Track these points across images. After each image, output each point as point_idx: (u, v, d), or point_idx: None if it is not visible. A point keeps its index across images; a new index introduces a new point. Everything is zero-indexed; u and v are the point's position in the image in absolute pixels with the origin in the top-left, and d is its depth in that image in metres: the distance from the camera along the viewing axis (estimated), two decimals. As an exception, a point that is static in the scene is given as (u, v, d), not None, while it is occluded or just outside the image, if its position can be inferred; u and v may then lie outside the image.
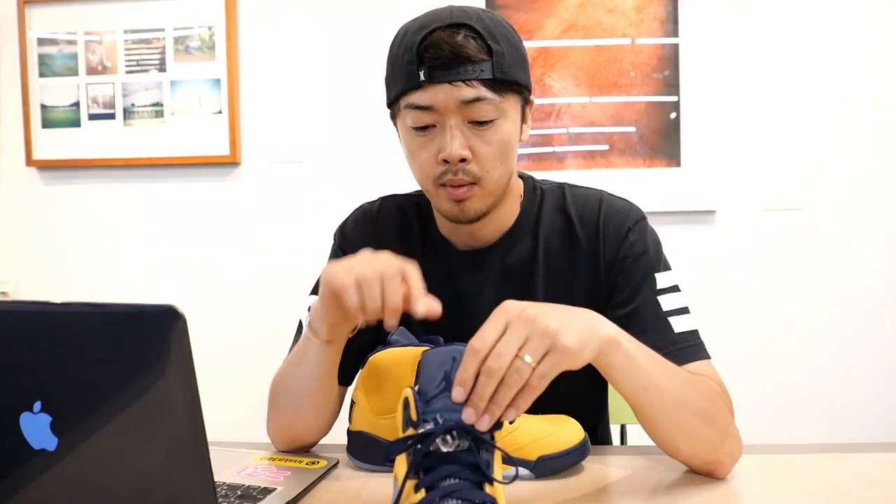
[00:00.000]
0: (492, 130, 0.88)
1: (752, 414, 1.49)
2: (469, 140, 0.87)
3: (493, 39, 0.86)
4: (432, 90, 0.85)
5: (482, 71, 0.84)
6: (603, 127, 2.04)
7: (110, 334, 0.53)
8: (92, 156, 2.14)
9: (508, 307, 0.68)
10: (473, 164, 0.88)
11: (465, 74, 0.84)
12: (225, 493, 0.77)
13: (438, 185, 0.90)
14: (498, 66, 0.85)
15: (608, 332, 0.73)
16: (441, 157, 0.87)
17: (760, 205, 2.02)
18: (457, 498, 0.59)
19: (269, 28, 2.11)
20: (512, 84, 0.88)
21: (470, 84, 0.84)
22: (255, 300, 2.12)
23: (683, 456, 0.82)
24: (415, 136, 0.90)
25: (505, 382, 0.64)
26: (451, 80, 0.84)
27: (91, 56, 2.14)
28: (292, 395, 0.89)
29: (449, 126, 0.86)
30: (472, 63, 0.84)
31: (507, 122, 0.89)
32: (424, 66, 0.85)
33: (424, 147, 0.89)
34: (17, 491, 0.57)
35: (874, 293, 2.00)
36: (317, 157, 2.11)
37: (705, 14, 2.00)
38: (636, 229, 0.96)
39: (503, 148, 0.89)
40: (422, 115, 0.87)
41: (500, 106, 0.87)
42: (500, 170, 0.90)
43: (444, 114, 0.86)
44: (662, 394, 0.77)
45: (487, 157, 0.88)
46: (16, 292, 2.18)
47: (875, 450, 0.90)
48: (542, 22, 2.04)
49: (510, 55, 0.87)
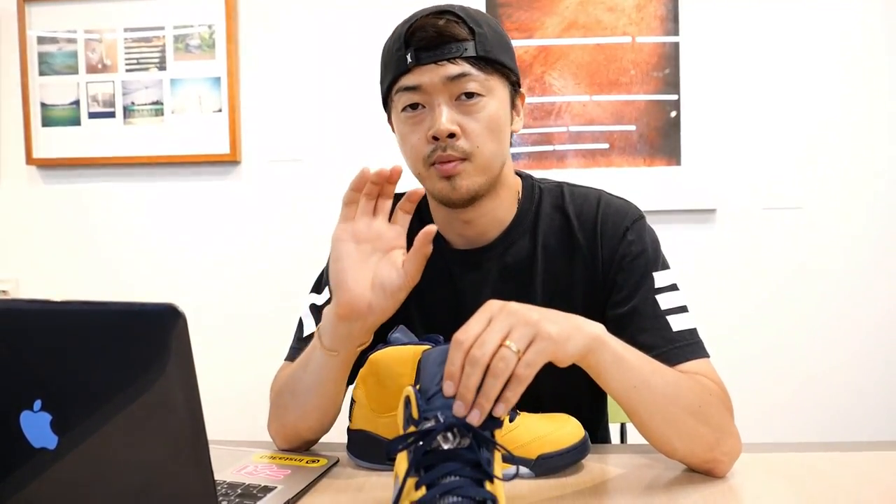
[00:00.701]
0: (479, 106, 0.90)
1: (752, 412, 1.49)
2: (457, 117, 0.89)
3: (475, 23, 0.90)
4: (419, 71, 0.88)
5: (465, 49, 0.88)
6: (603, 125, 2.04)
7: (110, 333, 0.53)
8: (92, 154, 2.14)
9: (491, 304, 0.70)
10: (463, 140, 0.89)
11: (450, 53, 0.88)
12: (225, 492, 0.77)
13: (429, 164, 0.91)
14: (481, 45, 0.89)
15: (594, 331, 0.74)
16: (430, 134, 0.89)
17: (761, 203, 2.02)
18: (457, 495, 0.59)
19: (270, 26, 2.11)
20: (496, 64, 0.91)
21: (454, 62, 0.88)
22: (255, 299, 2.12)
23: (679, 455, 0.82)
24: (405, 119, 0.92)
25: (491, 373, 0.65)
26: (437, 60, 0.88)
27: (91, 54, 2.14)
28: (297, 397, 0.89)
29: (437, 104, 0.89)
30: (455, 42, 0.88)
31: (493, 100, 0.91)
32: (411, 49, 0.88)
33: (414, 129, 0.91)
34: (18, 489, 0.57)
35: (874, 291, 2.00)
36: (317, 156, 2.11)
37: (706, 12, 2.00)
38: (634, 228, 0.96)
39: (492, 125, 0.90)
40: (411, 95, 0.90)
41: (485, 83, 0.90)
42: (491, 147, 0.91)
43: (431, 93, 0.89)
44: (652, 391, 0.77)
45: (476, 132, 0.89)
46: (16, 291, 2.18)
47: (875, 448, 0.90)
48: (542, 20, 2.04)
49: (493, 38, 0.91)
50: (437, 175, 0.91)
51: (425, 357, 0.70)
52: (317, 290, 1.03)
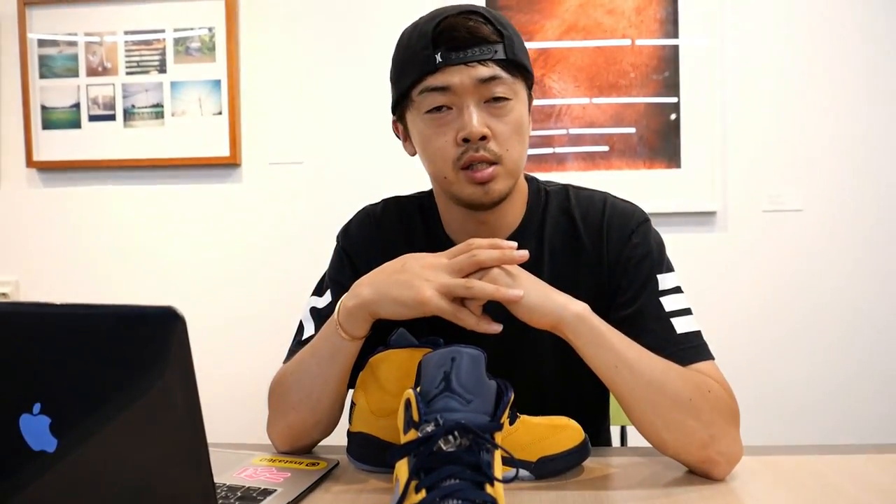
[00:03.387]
0: (507, 109, 0.89)
1: (753, 414, 1.49)
2: (486, 119, 0.88)
3: (502, 25, 0.90)
4: (449, 71, 0.87)
5: (496, 52, 0.88)
6: (603, 128, 2.05)
7: (110, 335, 0.53)
8: (92, 157, 2.14)
9: None
10: (493, 143, 0.89)
11: (481, 55, 0.87)
12: (225, 495, 0.77)
13: (459, 168, 0.90)
14: (510, 48, 0.89)
15: (571, 305, 0.80)
16: (461, 136, 0.88)
17: (761, 206, 2.02)
18: (458, 498, 0.59)
19: (270, 29, 2.11)
20: (521, 68, 0.91)
21: (485, 64, 0.87)
22: (255, 301, 2.12)
23: (671, 449, 0.82)
24: (429, 121, 0.90)
25: None
26: (467, 62, 0.87)
27: (91, 57, 2.14)
28: (310, 391, 0.88)
29: (467, 106, 0.88)
30: (487, 44, 0.87)
31: (519, 103, 0.91)
32: (441, 48, 0.87)
33: (440, 132, 0.90)
34: (17, 492, 0.57)
35: (874, 293, 2.00)
36: (317, 158, 2.11)
37: (705, 15, 2.00)
38: (639, 231, 0.97)
39: (518, 129, 0.91)
40: (438, 96, 0.88)
41: (512, 87, 0.90)
42: (518, 149, 0.91)
43: (461, 94, 0.88)
44: (636, 375, 0.79)
45: (505, 135, 0.89)
46: (16, 293, 2.18)
47: (874, 450, 0.90)
48: (542, 23, 2.04)
49: (517, 41, 0.91)
50: (467, 180, 0.90)
51: (426, 360, 0.70)
52: (318, 293, 1.02)
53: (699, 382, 0.83)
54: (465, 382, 0.66)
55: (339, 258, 1.03)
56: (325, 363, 0.87)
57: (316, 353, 0.88)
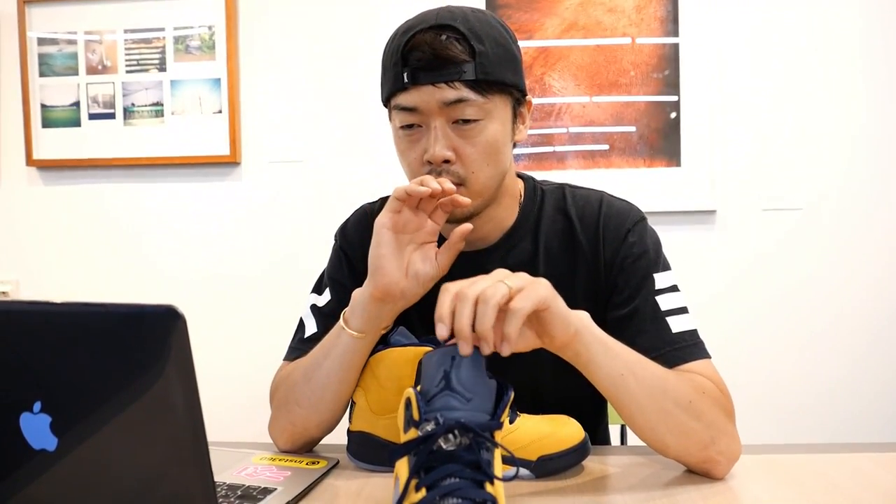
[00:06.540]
0: (476, 131, 0.88)
1: (752, 414, 1.49)
2: (453, 141, 0.87)
3: (478, 40, 0.86)
4: (416, 92, 0.86)
5: (464, 72, 0.85)
6: (603, 127, 2.04)
7: (110, 334, 0.53)
8: (92, 155, 2.14)
9: None
10: (458, 165, 0.88)
11: (448, 76, 0.85)
12: (225, 494, 0.77)
13: None
14: (481, 67, 0.86)
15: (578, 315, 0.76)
16: (425, 159, 0.88)
17: (760, 205, 2.02)
18: (458, 496, 0.59)
19: (270, 27, 2.11)
20: (497, 84, 0.88)
21: (452, 85, 0.85)
22: (254, 300, 2.12)
23: (673, 452, 0.82)
24: (402, 136, 0.91)
25: (481, 298, 0.66)
26: (434, 82, 0.85)
27: (91, 55, 2.14)
28: (314, 387, 0.88)
29: (433, 127, 0.87)
30: (454, 64, 0.85)
31: (492, 122, 0.89)
32: (408, 68, 0.86)
33: (411, 147, 0.90)
34: (17, 491, 0.57)
35: (874, 293, 2.00)
36: (317, 157, 2.11)
37: (705, 13, 2.00)
38: (636, 230, 0.96)
39: (489, 149, 0.89)
40: (407, 115, 0.88)
41: (484, 107, 0.87)
42: (487, 171, 0.89)
43: (427, 115, 0.87)
44: (640, 382, 0.78)
45: (472, 157, 0.88)
46: (16, 292, 2.18)
47: (875, 450, 0.90)
48: (542, 21, 2.04)
49: (496, 55, 0.87)
50: None
51: (426, 359, 0.70)
52: (317, 291, 1.03)
53: (696, 383, 0.83)
54: (465, 381, 0.66)
55: (337, 257, 1.04)
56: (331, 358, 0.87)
57: (321, 351, 0.89)
